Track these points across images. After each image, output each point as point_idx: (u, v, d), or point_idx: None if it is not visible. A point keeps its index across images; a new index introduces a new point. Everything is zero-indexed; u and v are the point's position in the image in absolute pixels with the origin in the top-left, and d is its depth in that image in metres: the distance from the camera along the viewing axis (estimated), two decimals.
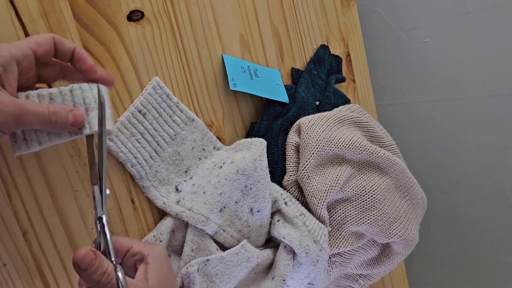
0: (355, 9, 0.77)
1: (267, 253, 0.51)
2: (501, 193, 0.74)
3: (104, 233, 0.35)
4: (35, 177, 0.40)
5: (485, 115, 0.73)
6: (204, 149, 0.51)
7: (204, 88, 0.52)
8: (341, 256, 0.58)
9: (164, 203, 0.47)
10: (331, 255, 0.57)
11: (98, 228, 0.35)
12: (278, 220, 0.52)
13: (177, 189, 0.48)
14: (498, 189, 0.74)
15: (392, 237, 0.57)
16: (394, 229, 0.57)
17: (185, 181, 0.49)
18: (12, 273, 0.39)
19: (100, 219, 0.35)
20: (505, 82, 0.69)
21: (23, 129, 0.34)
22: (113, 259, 0.34)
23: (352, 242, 0.56)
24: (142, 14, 0.47)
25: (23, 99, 0.33)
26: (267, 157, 0.53)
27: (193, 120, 0.50)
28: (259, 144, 0.51)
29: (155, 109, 0.47)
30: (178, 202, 0.47)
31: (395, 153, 0.64)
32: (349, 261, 0.59)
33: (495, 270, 0.79)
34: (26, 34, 0.39)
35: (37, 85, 0.37)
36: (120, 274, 0.32)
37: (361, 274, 0.64)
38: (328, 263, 0.56)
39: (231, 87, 0.52)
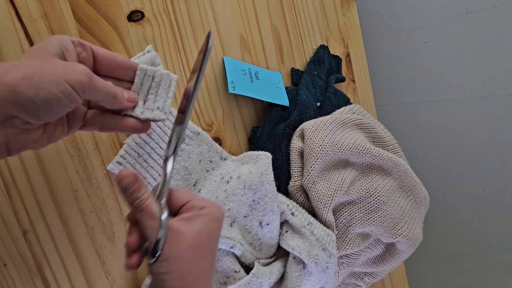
0: (355, 9, 0.77)
1: (277, 269, 0.51)
2: (501, 193, 0.74)
3: (165, 173, 0.36)
4: (36, 177, 0.40)
5: (485, 115, 0.73)
6: (211, 161, 0.51)
7: (204, 88, 0.53)
8: (348, 257, 0.58)
9: None
10: (339, 257, 0.57)
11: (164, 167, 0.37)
12: (287, 231, 0.52)
13: None
14: (498, 189, 0.74)
15: (397, 237, 0.58)
16: (399, 229, 0.57)
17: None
18: (12, 273, 0.39)
19: (167, 158, 0.37)
20: (505, 82, 0.69)
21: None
22: (163, 199, 0.35)
23: (358, 244, 0.57)
24: (142, 15, 0.47)
25: None
26: (272, 162, 0.53)
27: (199, 133, 0.50)
28: (266, 158, 0.51)
29: (160, 128, 0.47)
30: None
31: (397, 153, 0.65)
32: (356, 261, 0.59)
33: (495, 270, 0.79)
34: (26, 34, 0.39)
35: None
36: (165, 212, 0.34)
37: (366, 272, 0.64)
38: (337, 265, 0.56)
39: (230, 90, 0.52)
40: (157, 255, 0.33)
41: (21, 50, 0.39)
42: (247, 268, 0.49)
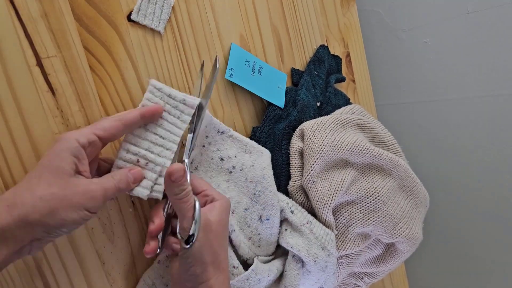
0: (355, 9, 0.77)
1: (276, 267, 0.51)
2: (501, 193, 0.74)
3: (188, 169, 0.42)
4: None
5: (485, 115, 0.73)
6: (207, 136, 0.50)
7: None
8: (348, 257, 0.58)
9: None
10: (338, 257, 0.57)
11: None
12: (286, 229, 0.53)
13: None
14: (498, 189, 0.74)
15: (397, 237, 0.58)
16: (399, 229, 0.58)
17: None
18: (12, 273, 0.39)
19: (183, 162, 0.43)
20: (505, 82, 0.69)
21: None
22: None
23: (358, 244, 0.57)
24: None
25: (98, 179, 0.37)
26: (272, 162, 0.53)
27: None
28: (268, 155, 0.53)
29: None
30: None
31: (397, 153, 0.65)
32: (355, 261, 0.59)
33: (495, 270, 0.79)
34: (26, 34, 0.39)
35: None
36: (197, 203, 0.39)
37: (366, 272, 0.64)
38: (336, 265, 0.56)
39: (227, 76, 0.52)
40: (193, 241, 0.37)
41: (21, 49, 0.39)
42: (246, 265, 0.49)
